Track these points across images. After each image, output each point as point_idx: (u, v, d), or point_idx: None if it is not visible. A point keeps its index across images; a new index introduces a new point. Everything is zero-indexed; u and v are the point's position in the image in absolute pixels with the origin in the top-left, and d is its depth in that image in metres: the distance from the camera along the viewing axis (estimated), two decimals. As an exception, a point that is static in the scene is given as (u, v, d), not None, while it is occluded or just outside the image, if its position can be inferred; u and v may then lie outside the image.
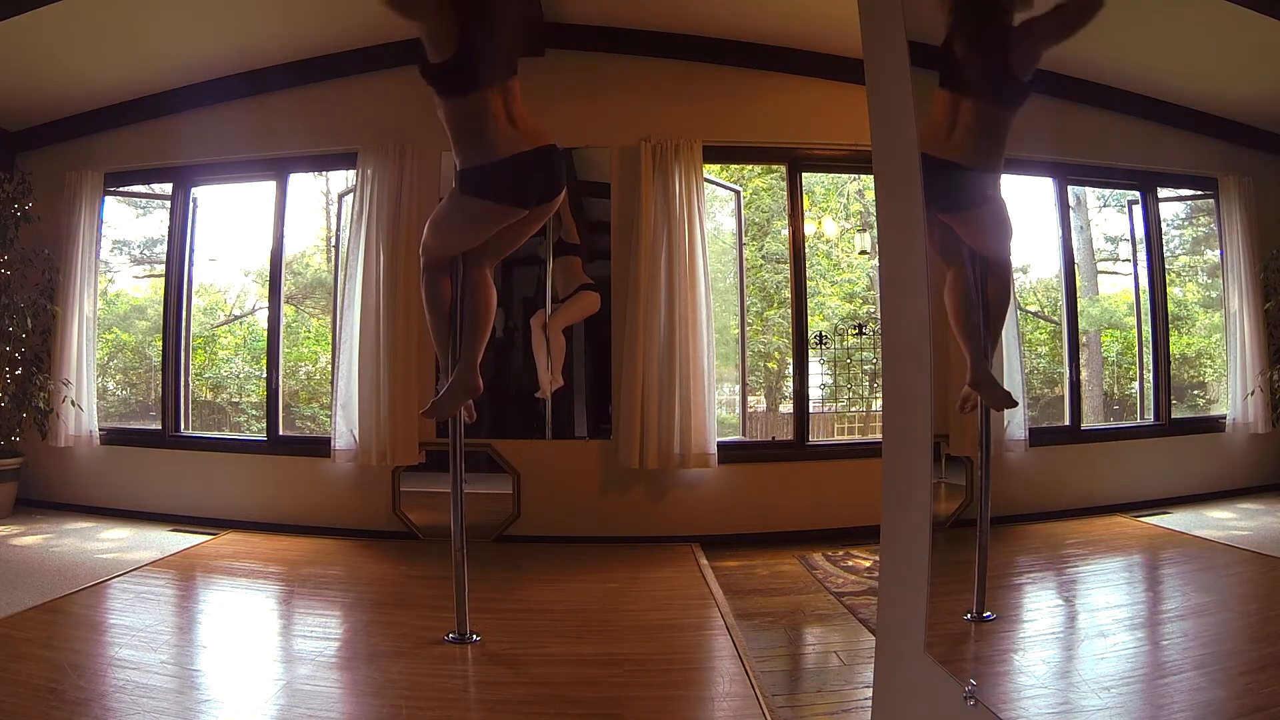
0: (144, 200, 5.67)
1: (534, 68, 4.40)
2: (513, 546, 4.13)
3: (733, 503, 4.29)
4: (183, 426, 4.81)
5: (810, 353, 4.77)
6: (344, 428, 4.25)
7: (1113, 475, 1.65)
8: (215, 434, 5.74)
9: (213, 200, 5.11)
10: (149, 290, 6.01)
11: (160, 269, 5.12)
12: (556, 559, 3.86)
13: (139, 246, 6.17)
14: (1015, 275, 1.87)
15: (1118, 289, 1.73)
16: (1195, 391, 1.58)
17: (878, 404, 6.13)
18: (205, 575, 3.54)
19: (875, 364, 6.09)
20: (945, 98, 1.67)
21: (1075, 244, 1.71)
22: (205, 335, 6.75)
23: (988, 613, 1.71)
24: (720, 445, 4.24)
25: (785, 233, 5.15)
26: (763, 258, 7.74)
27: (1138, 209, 1.57)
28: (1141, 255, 1.59)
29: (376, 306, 4.21)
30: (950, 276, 1.68)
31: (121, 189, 5.22)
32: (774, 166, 5.54)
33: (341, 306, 4.36)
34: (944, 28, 1.70)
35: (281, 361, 4.75)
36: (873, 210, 5.39)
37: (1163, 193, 1.58)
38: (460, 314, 2.78)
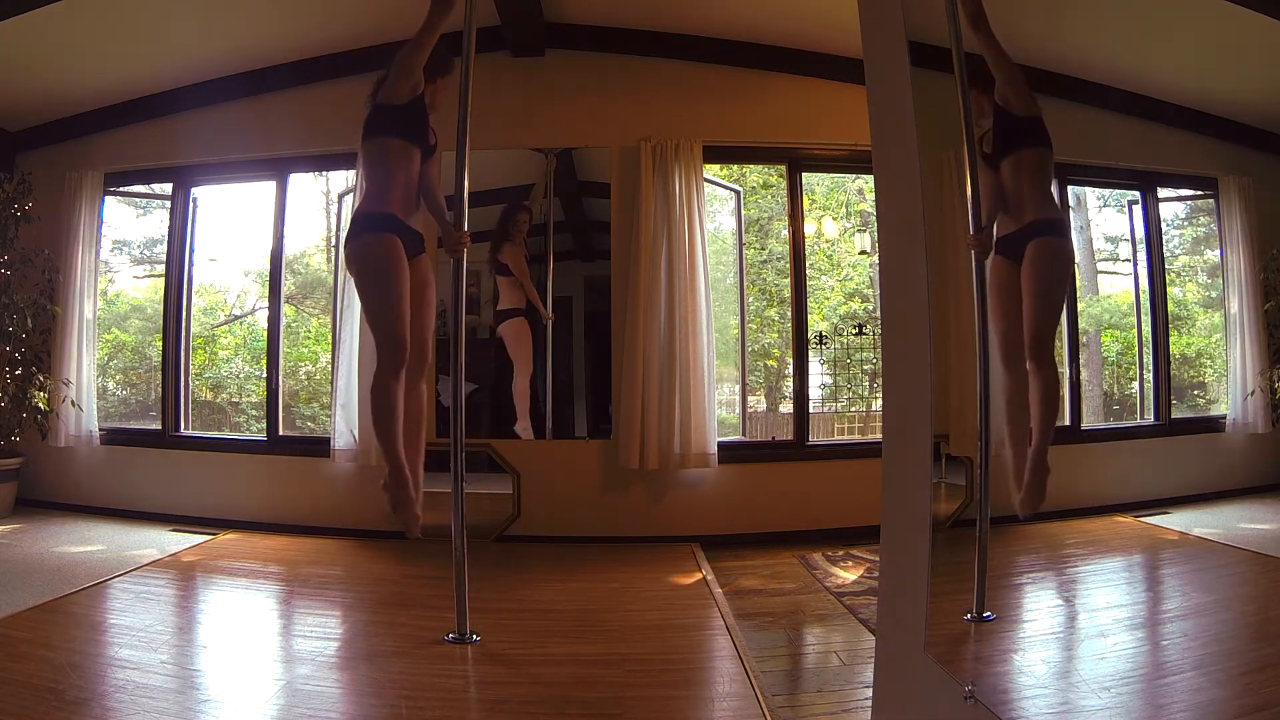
0: (144, 200, 5.66)
1: (534, 68, 4.43)
2: (513, 546, 4.13)
3: (733, 503, 4.29)
4: (183, 426, 4.81)
5: (810, 352, 4.77)
6: (344, 428, 4.25)
7: (1113, 475, 1.65)
8: (215, 434, 5.73)
9: (213, 200, 5.10)
10: (149, 290, 6.00)
11: (160, 269, 5.12)
12: (556, 559, 3.86)
13: (139, 246, 6.16)
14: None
15: (1118, 289, 1.73)
16: (1195, 391, 1.58)
17: (878, 404, 6.11)
18: (205, 575, 3.54)
19: (875, 364, 6.08)
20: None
21: (1076, 244, 1.71)
22: (205, 335, 6.74)
23: (988, 613, 1.71)
24: (720, 445, 4.23)
25: (785, 232, 5.14)
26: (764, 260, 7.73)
27: (1138, 209, 1.57)
28: (1141, 255, 1.59)
29: (376, 306, 4.21)
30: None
31: (121, 189, 5.21)
32: (775, 165, 5.53)
33: (341, 306, 4.36)
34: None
35: (281, 361, 4.74)
36: (873, 209, 5.37)
37: (1163, 193, 1.58)
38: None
